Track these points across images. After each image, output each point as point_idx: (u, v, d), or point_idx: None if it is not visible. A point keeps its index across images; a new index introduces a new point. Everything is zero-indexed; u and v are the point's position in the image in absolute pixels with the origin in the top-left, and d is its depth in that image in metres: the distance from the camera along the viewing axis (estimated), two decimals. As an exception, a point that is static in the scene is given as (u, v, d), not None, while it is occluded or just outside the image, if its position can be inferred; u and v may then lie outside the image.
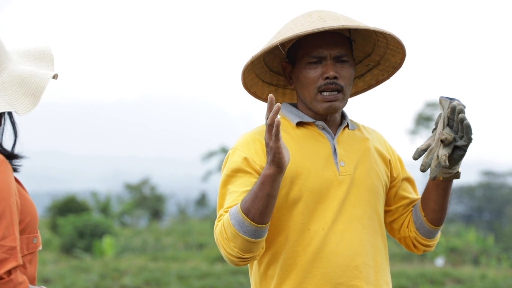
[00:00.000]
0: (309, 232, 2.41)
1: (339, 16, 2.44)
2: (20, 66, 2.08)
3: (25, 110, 2.01)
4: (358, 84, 2.71)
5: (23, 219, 2.06)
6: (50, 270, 11.94)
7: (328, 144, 2.49)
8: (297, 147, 2.47)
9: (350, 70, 2.47)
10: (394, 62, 2.61)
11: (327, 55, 2.44)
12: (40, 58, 2.15)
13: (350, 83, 2.48)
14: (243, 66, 2.50)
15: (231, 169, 2.44)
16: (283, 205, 2.42)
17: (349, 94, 2.50)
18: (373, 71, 2.68)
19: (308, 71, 2.46)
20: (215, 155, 31.98)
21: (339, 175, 2.45)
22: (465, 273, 11.93)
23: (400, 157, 2.67)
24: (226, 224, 2.29)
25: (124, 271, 11.87)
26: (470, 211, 39.80)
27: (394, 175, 2.60)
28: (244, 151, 2.45)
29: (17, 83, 2.04)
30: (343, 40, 2.47)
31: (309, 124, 2.52)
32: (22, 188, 2.11)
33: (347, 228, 2.43)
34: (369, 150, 2.54)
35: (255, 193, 2.24)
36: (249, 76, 2.59)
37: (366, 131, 2.62)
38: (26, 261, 2.07)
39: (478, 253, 16.89)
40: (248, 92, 2.67)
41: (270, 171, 2.21)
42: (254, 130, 2.54)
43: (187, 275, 11.42)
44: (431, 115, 39.33)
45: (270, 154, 2.20)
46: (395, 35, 2.45)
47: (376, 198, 2.51)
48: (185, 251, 18.58)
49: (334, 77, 2.43)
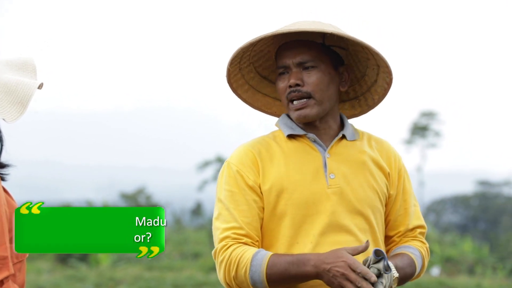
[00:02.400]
0: (297, 245, 2.41)
1: (309, 23, 2.41)
2: (5, 75, 2.09)
3: (12, 118, 2.02)
4: (368, 102, 2.66)
5: (11, 228, 2.06)
6: (45, 279, 11.91)
7: (319, 157, 2.47)
8: (286, 161, 2.46)
9: (318, 75, 2.44)
10: (383, 79, 2.56)
11: (290, 63, 2.45)
12: (23, 68, 2.16)
13: (321, 87, 2.44)
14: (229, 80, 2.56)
15: (225, 183, 2.46)
16: (271, 219, 2.43)
17: (326, 99, 2.46)
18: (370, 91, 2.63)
19: (278, 82, 2.49)
20: (210, 164, 31.94)
21: (327, 188, 2.43)
22: (461, 283, 11.93)
23: (405, 177, 2.59)
24: (241, 267, 2.32)
25: (120, 280, 11.85)
26: (466, 220, 39.76)
27: (391, 192, 2.55)
28: (237, 165, 2.46)
29: (4, 92, 2.04)
30: (311, 46, 2.45)
31: (301, 136, 2.51)
32: (9, 197, 2.11)
33: (336, 241, 2.41)
34: (364, 162, 2.50)
35: (287, 272, 2.29)
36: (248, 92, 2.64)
37: (369, 142, 2.58)
38: (15, 270, 2.08)
39: (474, 263, 16.88)
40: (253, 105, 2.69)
41: (311, 274, 2.26)
42: (249, 142, 2.54)
43: (183, 284, 11.41)
44: (426, 124, 39.34)
45: (337, 280, 2.22)
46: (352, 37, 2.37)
47: (371, 211, 2.47)
48: (180, 260, 18.53)
49: (296, 84, 2.43)
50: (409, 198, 2.58)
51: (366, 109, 2.68)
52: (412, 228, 2.57)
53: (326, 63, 2.47)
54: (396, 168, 2.57)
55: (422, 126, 39.48)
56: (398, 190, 2.56)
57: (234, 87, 2.60)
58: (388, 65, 2.47)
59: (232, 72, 2.56)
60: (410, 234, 2.57)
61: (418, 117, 39.65)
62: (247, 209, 2.42)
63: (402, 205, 2.57)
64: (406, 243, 2.55)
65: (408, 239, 2.56)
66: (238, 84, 2.61)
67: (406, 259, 2.46)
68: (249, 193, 2.43)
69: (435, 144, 39.98)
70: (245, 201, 2.42)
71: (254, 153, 2.48)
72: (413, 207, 2.58)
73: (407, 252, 2.49)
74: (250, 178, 2.44)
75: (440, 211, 40.86)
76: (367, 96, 2.65)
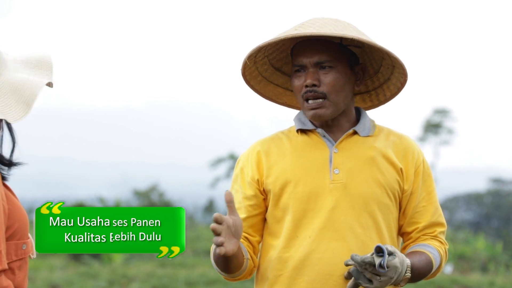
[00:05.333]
0: (297, 239, 2.44)
1: (329, 24, 2.42)
2: (16, 73, 2.08)
3: (16, 118, 2.00)
4: (379, 96, 2.67)
5: (11, 225, 2.05)
6: (58, 276, 11.95)
7: (327, 151, 2.49)
8: (294, 155, 2.50)
9: (335, 75, 2.44)
10: (398, 78, 2.56)
11: (307, 63, 2.45)
12: (39, 66, 2.15)
13: (337, 89, 2.44)
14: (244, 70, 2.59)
15: (232, 179, 2.61)
16: (275, 213, 2.49)
17: (341, 100, 2.46)
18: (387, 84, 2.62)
19: (294, 79, 2.50)
20: (223, 161, 32.00)
21: (330, 183, 2.44)
22: (473, 281, 11.90)
23: (425, 174, 2.54)
24: (211, 256, 2.51)
25: (132, 278, 11.87)
26: (479, 218, 39.66)
27: (405, 188, 2.52)
28: (243, 161, 2.57)
29: (10, 90, 2.04)
30: (328, 46, 2.45)
31: (311, 131, 2.53)
32: (11, 193, 2.11)
33: (335, 236, 2.42)
34: (372, 158, 2.48)
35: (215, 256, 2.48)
36: (261, 82, 2.65)
37: (388, 137, 2.55)
38: (15, 267, 2.06)
39: (487, 260, 16.82)
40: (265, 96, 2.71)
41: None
42: (261, 139, 2.60)
43: (195, 281, 11.42)
44: (439, 122, 39.25)
45: None
46: (373, 42, 2.38)
47: (377, 207, 2.45)
48: (193, 257, 18.55)
49: (313, 84, 2.43)
50: (429, 195, 2.54)
51: (376, 104, 2.68)
52: (430, 225, 2.53)
53: (343, 63, 2.47)
54: (413, 164, 2.52)
55: (435, 123, 39.42)
56: (415, 186, 2.52)
57: (248, 78, 2.62)
58: (404, 68, 2.47)
59: (248, 65, 2.57)
60: (429, 233, 2.53)
61: (431, 114, 39.60)
62: (239, 207, 2.53)
63: (420, 202, 2.53)
64: (425, 241, 2.52)
65: (427, 237, 2.53)
66: (251, 76, 2.63)
67: (424, 259, 2.43)
68: (248, 188, 2.52)
69: (448, 141, 39.92)
70: (240, 200, 2.53)
71: (261, 149, 2.54)
72: (432, 205, 2.54)
73: (425, 251, 2.47)
74: (249, 175, 2.53)
75: (453, 209, 40.76)
76: (379, 91, 2.65)
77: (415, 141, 2.62)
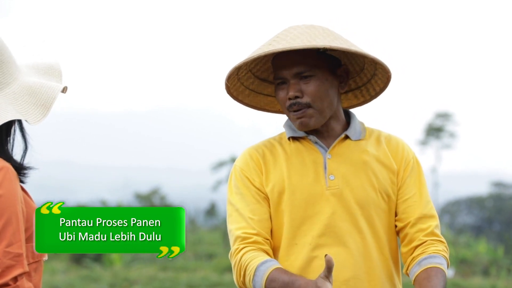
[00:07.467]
0: (296, 246, 2.44)
1: (302, 34, 2.41)
2: (30, 78, 2.12)
3: (36, 120, 2.06)
4: (364, 94, 2.67)
5: (28, 227, 2.07)
6: (60, 279, 11.97)
7: (320, 158, 2.49)
8: (288, 162, 2.50)
9: (316, 83, 2.43)
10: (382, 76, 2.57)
11: (287, 75, 2.44)
12: (48, 72, 2.19)
13: (320, 96, 2.43)
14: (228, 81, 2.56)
15: (234, 186, 2.52)
16: (274, 220, 2.48)
17: (326, 106, 2.45)
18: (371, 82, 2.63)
19: (278, 92, 2.49)
20: (225, 165, 31.98)
21: (326, 189, 2.45)
22: (475, 284, 11.90)
23: (415, 169, 2.53)
24: (247, 274, 2.37)
25: (134, 281, 11.88)
26: (480, 222, 39.66)
27: (399, 186, 2.51)
28: (243, 167, 2.52)
29: (28, 94, 2.08)
30: (306, 55, 2.44)
31: (303, 138, 2.52)
32: (28, 196, 2.13)
33: (336, 242, 2.42)
34: (365, 162, 2.48)
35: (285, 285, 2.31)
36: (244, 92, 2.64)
37: (378, 140, 2.56)
38: (31, 270, 2.08)
39: (488, 264, 16.81)
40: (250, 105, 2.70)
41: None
42: (254, 145, 2.59)
43: (197, 285, 11.43)
44: (441, 125, 39.26)
45: None
46: (345, 48, 2.37)
47: (373, 211, 2.45)
48: (194, 261, 18.57)
49: (296, 96, 2.43)
50: (419, 191, 2.52)
51: (369, 99, 2.68)
52: (423, 218, 2.49)
53: (323, 69, 2.46)
54: (403, 160, 2.52)
55: (437, 127, 39.43)
56: (406, 182, 2.51)
57: (235, 94, 2.62)
58: (384, 64, 2.46)
59: (231, 84, 2.58)
60: (424, 229, 2.48)
61: (433, 118, 39.62)
62: (256, 208, 2.46)
63: (411, 197, 2.50)
64: (428, 249, 2.46)
65: (427, 240, 2.47)
66: (238, 91, 2.63)
67: (441, 277, 2.39)
68: (258, 192, 2.48)
69: (450, 145, 39.91)
70: (254, 201, 2.47)
71: (258, 155, 2.53)
72: (423, 199, 2.51)
73: (439, 266, 2.41)
74: (256, 180, 2.49)
75: (454, 212, 40.77)
76: (369, 86, 2.65)
77: (415, 143, 2.63)
